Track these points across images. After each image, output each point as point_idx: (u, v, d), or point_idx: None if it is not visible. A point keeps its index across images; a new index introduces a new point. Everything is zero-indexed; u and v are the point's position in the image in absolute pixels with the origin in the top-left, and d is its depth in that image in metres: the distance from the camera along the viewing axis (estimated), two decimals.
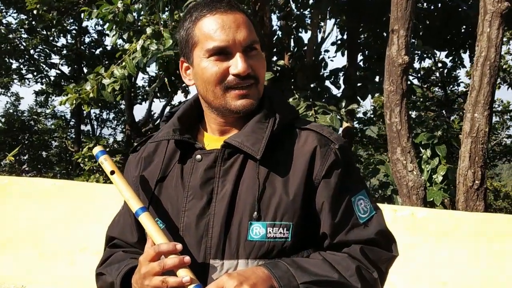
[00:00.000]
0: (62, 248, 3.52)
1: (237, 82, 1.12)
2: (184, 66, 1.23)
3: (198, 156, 1.17)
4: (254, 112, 1.18)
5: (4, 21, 14.29)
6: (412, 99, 9.70)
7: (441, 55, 9.90)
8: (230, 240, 1.11)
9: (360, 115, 10.23)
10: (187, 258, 1.04)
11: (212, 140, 1.22)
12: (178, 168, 1.20)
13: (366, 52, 6.22)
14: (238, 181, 1.13)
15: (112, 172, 1.20)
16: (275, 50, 6.08)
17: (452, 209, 5.07)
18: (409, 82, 6.27)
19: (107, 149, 9.41)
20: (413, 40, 6.07)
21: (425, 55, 7.68)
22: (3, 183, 3.96)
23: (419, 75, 11.52)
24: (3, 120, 15.95)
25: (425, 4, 7.37)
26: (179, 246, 1.05)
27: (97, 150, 1.26)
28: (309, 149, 1.15)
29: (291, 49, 6.01)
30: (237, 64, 1.11)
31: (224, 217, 1.11)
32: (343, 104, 5.02)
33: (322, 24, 6.61)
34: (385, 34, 5.59)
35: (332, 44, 6.42)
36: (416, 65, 10.25)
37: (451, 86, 12.41)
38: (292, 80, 5.50)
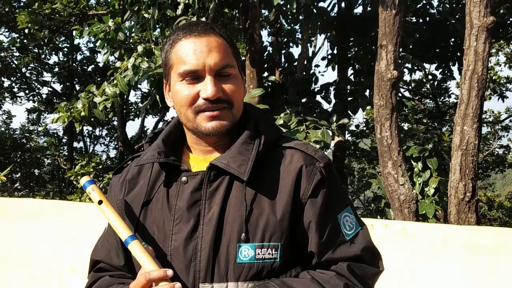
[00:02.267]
0: (53, 268, 3.49)
1: (207, 106, 1.13)
2: (167, 87, 1.25)
3: (184, 179, 1.16)
4: (239, 133, 1.18)
5: None
6: (403, 111, 9.76)
7: (431, 67, 10.01)
8: (219, 263, 1.10)
9: (352, 127, 10.27)
10: (178, 285, 1.03)
11: (197, 161, 1.22)
12: (164, 191, 1.19)
13: (357, 66, 6.27)
14: (225, 203, 1.13)
15: (100, 202, 1.19)
16: (266, 66, 6.12)
17: (445, 221, 5.08)
18: (400, 95, 6.33)
19: (100, 166, 9.40)
20: (403, 53, 6.14)
21: (415, 68, 7.76)
22: None
23: (410, 87, 11.62)
24: None
25: (414, 19, 7.48)
26: (169, 272, 1.05)
27: (84, 180, 1.25)
28: (295, 168, 1.15)
29: (282, 65, 6.05)
30: (206, 88, 1.12)
31: (212, 240, 1.10)
32: (334, 118, 5.05)
33: (313, 39, 6.67)
34: (374, 48, 5.65)
35: (323, 59, 6.48)
36: (407, 77, 10.34)
37: (442, 98, 12.51)
38: (284, 96, 5.53)
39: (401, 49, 4.94)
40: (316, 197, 1.14)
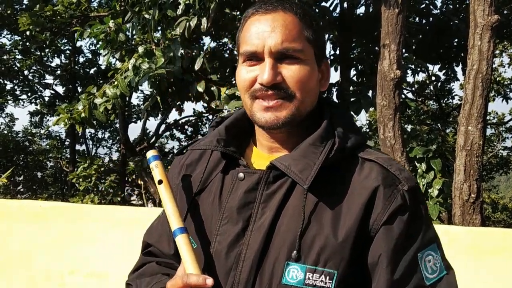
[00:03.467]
0: (53, 270, 3.46)
1: (262, 93, 1.00)
2: None
3: (241, 175, 1.04)
4: (309, 132, 1.03)
5: None
6: (407, 113, 9.71)
7: (435, 68, 9.97)
8: (261, 278, 0.96)
9: None
10: None
11: (260, 157, 1.09)
12: (219, 183, 1.08)
13: (359, 66, 6.23)
14: (280, 210, 0.98)
15: (160, 182, 1.10)
16: None
17: (449, 222, 5.02)
18: (403, 96, 6.29)
19: (102, 169, 9.37)
20: (406, 54, 6.10)
21: (418, 69, 7.71)
22: None
23: (413, 88, 11.56)
24: None
25: (417, 19, 7.43)
26: (209, 281, 0.92)
27: (150, 154, 1.16)
28: (371, 186, 0.97)
29: None
30: (263, 73, 0.99)
31: (258, 251, 0.96)
32: None
33: None
34: (377, 49, 5.61)
35: None
36: (410, 79, 10.29)
37: (446, 99, 12.45)
38: None
39: (404, 50, 4.90)
40: (392, 225, 0.95)
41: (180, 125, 13.61)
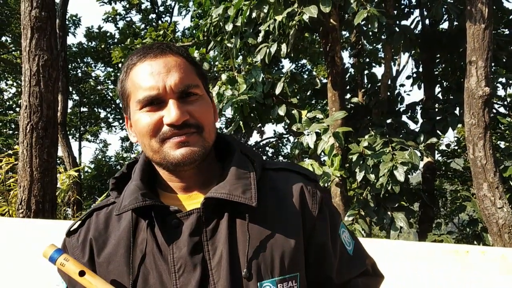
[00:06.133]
0: None
1: (173, 132, 0.99)
2: (129, 123, 1.10)
3: (175, 221, 1.00)
4: (214, 164, 1.08)
5: (93, 74, 15.46)
6: (499, 129, 9.18)
7: None
8: None
9: (442, 147, 9.80)
10: None
11: (179, 199, 1.06)
12: (150, 241, 1.00)
13: (444, 83, 6.01)
14: (231, 239, 0.98)
15: (82, 273, 0.98)
16: (348, 87, 6.05)
17: None
18: (494, 111, 5.96)
19: None
20: (495, 68, 5.80)
21: (510, 82, 7.27)
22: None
23: (505, 103, 10.90)
24: (92, 166, 17.04)
25: (506, 31, 7.05)
26: None
27: (50, 251, 1.02)
28: (296, 189, 1.06)
29: (365, 86, 5.95)
30: (170, 113, 0.97)
31: (229, 285, 0.95)
32: (422, 138, 4.85)
33: (396, 57, 6.51)
34: (463, 64, 5.40)
35: (408, 77, 6.28)
36: (501, 92, 9.74)
37: None
38: (367, 117, 5.43)
39: (492, 64, 4.68)
40: (323, 216, 1.06)
41: (262, 146, 13.82)
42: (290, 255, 0.99)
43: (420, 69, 6.04)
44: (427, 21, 5.71)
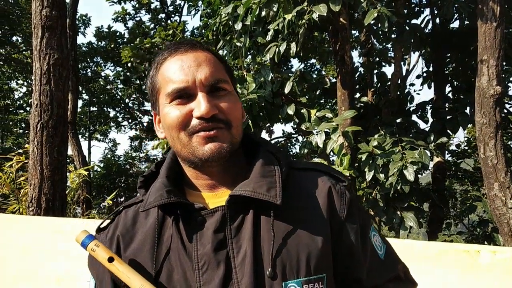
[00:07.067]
0: None
1: (203, 126, 0.98)
2: (157, 119, 1.11)
3: (200, 219, 1.00)
4: (247, 160, 1.08)
5: (103, 74, 15.56)
6: (510, 128, 9.09)
7: None
8: None
9: (453, 147, 9.72)
10: None
11: (205, 197, 1.06)
12: (176, 237, 1.01)
13: (455, 82, 5.96)
14: (256, 238, 0.97)
15: (111, 259, 0.99)
16: (357, 87, 6.03)
17: None
18: (505, 111, 5.90)
19: None
20: (507, 67, 5.74)
21: None
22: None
23: None
24: (102, 165, 17.14)
25: None
26: None
27: (82, 237, 1.04)
28: (324, 189, 1.04)
29: (374, 85, 5.92)
30: (199, 106, 0.97)
31: (252, 284, 0.93)
32: (432, 138, 4.82)
33: (406, 57, 6.47)
34: (474, 63, 5.35)
35: (418, 77, 6.25)
36: None
37: None
38: (377, 117, 5.40)
39: (504, 63, 4.64)
40: (352, 217, 1.04)
41: None
42: (317, 256, 0.97)
43: (430, 68, 6.00)
44: (437, 20, 5.66)
